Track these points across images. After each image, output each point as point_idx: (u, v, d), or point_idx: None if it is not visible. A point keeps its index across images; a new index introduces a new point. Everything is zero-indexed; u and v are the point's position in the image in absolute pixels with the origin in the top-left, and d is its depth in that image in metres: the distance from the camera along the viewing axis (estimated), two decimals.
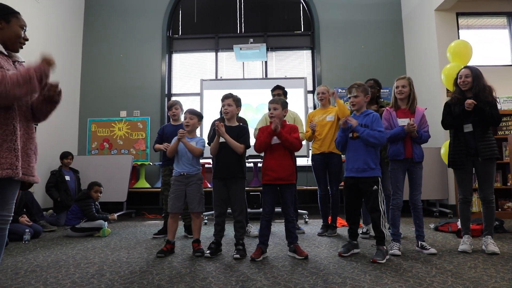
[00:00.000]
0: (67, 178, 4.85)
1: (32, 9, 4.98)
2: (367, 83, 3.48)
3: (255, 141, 2.88)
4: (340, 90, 5.68)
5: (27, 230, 3.49)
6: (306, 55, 6.39)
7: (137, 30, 6.34)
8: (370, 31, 6.19)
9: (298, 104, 5.00)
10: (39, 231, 3.75)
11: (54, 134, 5.36)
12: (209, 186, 5.41)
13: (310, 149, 4.04)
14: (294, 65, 6.38)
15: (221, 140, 2.84)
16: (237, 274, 2.25)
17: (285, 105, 2.81)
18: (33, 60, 1.68)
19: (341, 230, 3.82)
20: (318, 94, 3.77)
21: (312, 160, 3.75)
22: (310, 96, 5.71)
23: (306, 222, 4.51)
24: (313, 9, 6.30)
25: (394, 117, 2.89)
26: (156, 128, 5.67)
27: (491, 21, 5.53)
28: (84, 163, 5.35)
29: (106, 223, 3.87)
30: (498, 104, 2.84)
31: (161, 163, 4.17)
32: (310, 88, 6.03)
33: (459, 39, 5.02)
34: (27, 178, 1.72)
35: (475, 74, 2.81)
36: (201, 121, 3.08)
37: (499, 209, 4.71)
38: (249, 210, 4.11)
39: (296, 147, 2.74)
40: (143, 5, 6.40)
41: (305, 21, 6.42)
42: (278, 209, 2.86)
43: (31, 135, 1.79)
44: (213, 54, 6.43)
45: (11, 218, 1.79)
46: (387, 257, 2.56)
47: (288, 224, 2.77)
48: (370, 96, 2.85)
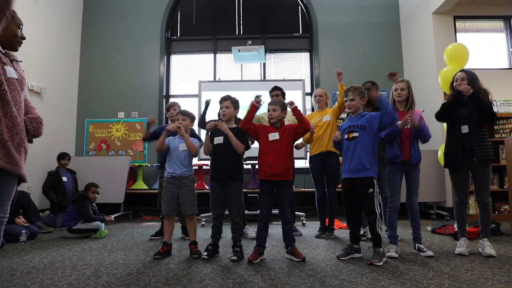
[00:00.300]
0: (64, 179, 4.83)
1: (30, 9, 4.97)
2: (364, 86, 3.50)
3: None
4: (337, 92, 5.68)
5: (24, 231, 3.47)
6: (304, 57, 6.40)
7: (136, 31, 6.33)
8: (368, 33, 6.21)
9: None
10: (35, 232, 3.73)
11: (51, 134, 5.33)
12: (206, 187, 5.41)
13: (308, 151, 4.04)
14: (292, 67, 6.38)
15: (217, 142, 2.84)
16: (234, 276, 2.25)
17: (284, 107, 2.83)
18: (31, 60, 1.67)
19: (338, 232, 3.83)
20: (315, 96, 3.79)
21: (309, 162, 3.76)
22: (308, 98, 5.71)
23: (303, 224, 4.51)
24: (311, 11, 6.32)
25: None
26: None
27: (488, 25, 5.56)
28: (81, 164, 5.33)
29: (103, 224, 3.87)
30: (494, 107, 2.87)
31: (158, 164, 4.17)
32: (308, 90, 6.04)
33: (456, 42, 5.04)
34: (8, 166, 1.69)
35: (471, 77, 2.83)
36: (194, 122, 3.08)
37: (496, 212, 4.72)
38: (246, 212, 4.10)
39: (306, 121, 2.77)
40: (142, 6, 6.39)
41: (303, 23, 6.43)
42: (275, 211, 2.86)
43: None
44: (212, 55, 6.43)
45: (7, 219, 1.78)
46: (384, 259, 2.56)
47: (285, 226, 2.77)
48: (366, 99, 2.87)
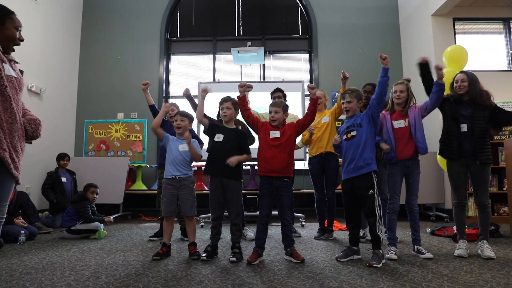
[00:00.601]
0: (64, 179, 4.83)
1: (29, 9, 4.97)
2: (365, 88, 3.51)
3: None
4: (337, 93, 5.69)
5: (22, 231, 3.46)
6: (303, 58, 6.41)
7: (135, 31, 6.34)
8: (367, 35, 6.22)
9: (295, 107, 5.01)
10: (34, 233, 3.72)
11: (50, 135, 5.33)
12: (206, 188, 5.41)
13: (307, 152, 4.05)
14: (291, 68, 6.39)
15: (217, 139, 2.84)
16: (233, 277, 2.25)
17: (286, 109, 2.85)
18: (31, 60, 1.68)
19: (337, 233, 3.82)
20: None
21: (309, 163, 3.76)
22: (307, 99, 5.71)
23: (302, 225, 4.51)
24: (311, 12, 6.33)
25: (388, 121, 2.92)
26: None
27: (487, 27, 5.57)
28: (80, 165, 5.33)
29: (102, 225, 3.86)
30: None
31: (157, 165, 4.17)
32: (307, 91, 6.03)
33: (455, 44, 5.05)
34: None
35: (471, 78, 2.83)
36: (192, 122, 3.07)
37: (495, 214, 4.72)
38: (245, 213, 4.10)
39: (315, 114, 2.92)
40: (142, 7, 6.40)
41: (303, 25, 6.44)
42: (274, 212, 2.86)
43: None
44: (211, 56, 6.43)
45: (4, 219, 1.78)
46: (383, 261, 2.56)
47: (284, 227, 2.77)
48: (363, 101, 2.88)
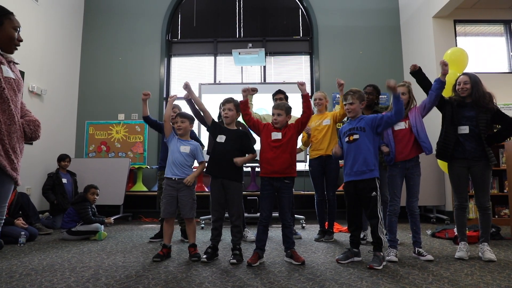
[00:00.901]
0: (64, 180, 4.83)
1: (31, 10, 4.99)
2: (366, 89, 3.50)
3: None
4: (337, 95, 5.69)
5: (23, 232, 3.46)
6: (304, 60, 6.41)
7: (136, 33, 6.35)
8: (368, 37, 6.22)
9: (296, 109, 4.98)
10: (34, 234, 3.72)
11: (51, 136, 5.34)
12: (206, 190, 5.40)
13: (307, 155, 4.04)
14: (292, 70, 6.39)
15: (219, 140, 2.84)
16: (233, 279, 2.25)
17: (289, 111, 2.85)
18: (32, 61, 1.68)
19: (338, 235, 3.82)
20: (315, 99, 3.78)
21: (309, 165, 3.75)
22: None
23: (303, 227, 4.51)
24: (312, 14, 6.33)
25: None
26: (153, 131, 5.64)
27: (488, 29, 5.57)
28: (81, 166, 5.33)
29: (102, 226, 3.86)
30: None
31: (158, 166, 4.17)
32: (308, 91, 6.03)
33: (456, 46, 5.05)
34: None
35: (474, 81, 2.81)
36: (193, 123, 3.07)
37: (496, 216, 4.71)
38: (246, 214, 4.10)
39: (310, 108, 2.87)
40: (143, 8, 6.41)
41: (304, 27, 6.45)
42: (275, 214, 2.86)
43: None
44: (212, 58, 6.44)
45: (3, 220, 1.77)
46: (384, 263, 2.55)
47: (285, 229, 2.76)
48: (366, 102, 2.86)
